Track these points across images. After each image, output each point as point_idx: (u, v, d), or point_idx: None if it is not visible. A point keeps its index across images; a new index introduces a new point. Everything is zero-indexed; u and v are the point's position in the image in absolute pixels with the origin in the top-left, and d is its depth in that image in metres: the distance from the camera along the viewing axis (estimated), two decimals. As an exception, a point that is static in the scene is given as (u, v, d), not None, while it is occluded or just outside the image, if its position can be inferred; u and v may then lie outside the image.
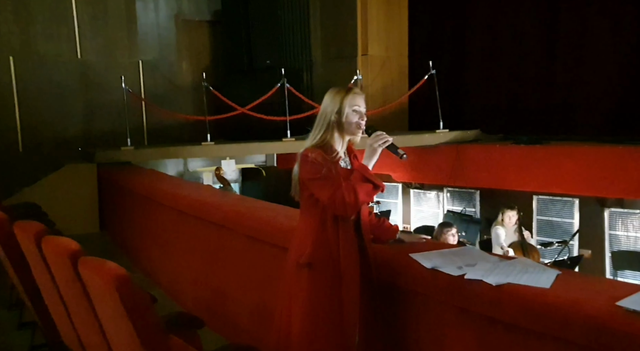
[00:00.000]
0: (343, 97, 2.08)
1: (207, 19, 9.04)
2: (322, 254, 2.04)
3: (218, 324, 3.48)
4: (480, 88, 8.47)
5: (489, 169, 6.96)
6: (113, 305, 1.66)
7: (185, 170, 8.83)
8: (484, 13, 8.41)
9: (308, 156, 2.03)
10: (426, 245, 2.31)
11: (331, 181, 1.99)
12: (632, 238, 6.07)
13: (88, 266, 1.79)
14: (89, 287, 1.85)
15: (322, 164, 1.99)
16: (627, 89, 6.87)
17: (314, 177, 2.01)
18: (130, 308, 1.63)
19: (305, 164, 2.03)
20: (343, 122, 2.07)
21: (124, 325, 1.67)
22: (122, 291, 1.62)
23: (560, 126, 7.35)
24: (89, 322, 1.96)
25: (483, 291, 1.81)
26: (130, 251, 5.46)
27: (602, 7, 7.08)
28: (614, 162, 5.79)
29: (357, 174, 2.01)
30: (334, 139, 2.09)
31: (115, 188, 5.79)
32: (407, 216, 8.76)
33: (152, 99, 8.05)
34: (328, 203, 1.98)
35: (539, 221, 6.83)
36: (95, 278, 1.74)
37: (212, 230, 3.57)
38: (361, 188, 1.98)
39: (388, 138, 2.04)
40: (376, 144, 2.03)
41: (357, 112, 2.09)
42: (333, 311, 2.03)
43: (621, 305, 1.53)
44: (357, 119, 2.08)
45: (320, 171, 1.99)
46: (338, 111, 2.07)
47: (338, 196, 1.96)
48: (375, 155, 2.04)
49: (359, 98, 2.10)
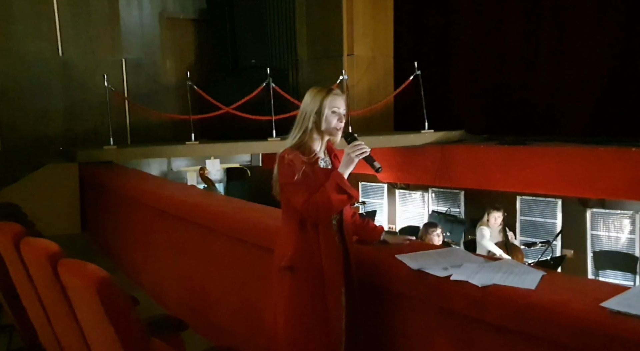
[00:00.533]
0: (323, 98, 2.06)
1: (192, 17, 8.96)
2: (303, 257, 2.02)
3: (202, 326, 3.44)
4: (465, 89, 8.53)
5: (474, 170, 7.01)
6: (94, 308, 1.63)
7: (169, 170, 8.74)
8: (468, 14, 8.47)
9: (285, 157, 2.02)
10: (411, 246, 2.31)
11: (305, 186, 1.98)
12: (613, 238, 6.16)
13: (68, 268, 1.75)
14: (69, 290, 1.81)
15: (298, 168, 1.98)
16: (608, 91, 6.98)
17: (288, 181, 2.00)
18: (112, 311, 1.60)
19: (282, 167, 2.02)
20: (322, 124, 2.06)
21: (105, 329, 1.63)
22: (103, 294, 1.59)
23: (543, 127, 7.44)
24: (69, 326, 1.92)
25: (469, 292, 1.82)
26: (113, 252, 5.38)
27: (584, 10, 7.17)
28: (595, 163, 5.87)
29: (332, 182, 1.99)
30: (313, 139, 2.08)
31: (98, 188, 5.70)
32: (392, 216, 8.78)
33: (136, 97, 7.95)
34: (300, 209, 1.98)
35: (522, 221, 6.89)
36: (75, 280, 1.70)
37: (196, 231, 3.53)
38: (335, 196, 1.97)
39: (366, 149, 2.02)
40: (353, 155, 2.01)
41: (336, 114, 2.07)
42: (317, 316, 2.01)
43: (605, 306, 1.54)
44: (336, 121, 2.07)
45: (295, 175, 1.97)
46: (317, 111, 2.05)
47: (310, 203, 1.95)
48: (352, 165, 2.03)
49: (338, 99, 2.09)
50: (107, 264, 5.03)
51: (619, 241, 6.11)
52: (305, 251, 2.03)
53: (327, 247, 2.04)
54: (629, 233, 6.05)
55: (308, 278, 2.02)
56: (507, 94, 7.99)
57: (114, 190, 5.16)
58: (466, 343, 1.88)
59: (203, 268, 3.55)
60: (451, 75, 8.73)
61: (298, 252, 2.03)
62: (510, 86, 7.96)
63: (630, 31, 6.77)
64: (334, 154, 2.18)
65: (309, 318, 2.02)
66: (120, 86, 7.94)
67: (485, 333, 1.81)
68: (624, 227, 6.08)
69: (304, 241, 2.03)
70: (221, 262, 3.34)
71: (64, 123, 7.76)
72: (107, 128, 6.76)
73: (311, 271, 2.02)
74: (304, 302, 2.02)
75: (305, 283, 2.02)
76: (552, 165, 6.20)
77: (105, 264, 4.94)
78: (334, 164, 2.15)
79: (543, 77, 7.61)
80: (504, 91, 8.03)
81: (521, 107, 7.82)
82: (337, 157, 2.18)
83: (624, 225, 6.08)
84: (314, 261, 2.03)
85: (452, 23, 8.71)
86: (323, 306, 2.01)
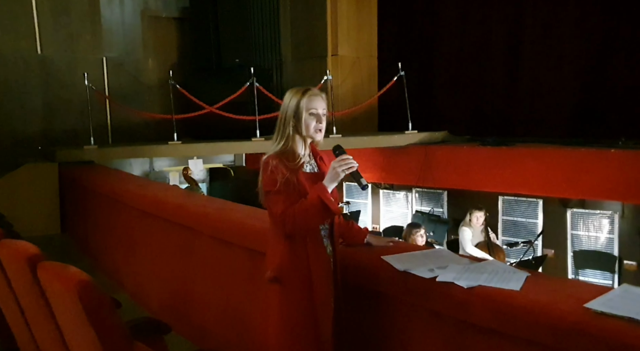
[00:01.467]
0: (299, 101, 1.99)
1: (175, 15, 8.87)
2: (291, 268, 1.96)
3: (185, 329, 3.39)
4: (448, 90, 8.60)
5: (456, 170, 7.07)
6: (74, 311, 1.59)
7: (151, 170, 8.64)
8: (452, 16, 8.54)
9: (268, 163, 1.95)
10: (396, 248, 2.30)
11: (285, 196, 1.91)
12: (593, 238, 6.26)
13: (48, 271, 1.71)
14: (48, 293, 1.77)
15: (280, 175, 1.91)
16: (587, 93, 7.10)
17: (269, 189, 1.93)
18: (93, 314, 1.56)
19: (264, 173, 1.96)
20: (301, 127, 2.00)
21: (87, 333, 1.59)
22: (84, 297, 1.55)
23: (525, 128, 7.53)
24: (49, 330, 1.87)
25: (454, 294, 1.82)
26: (93, 254, 5.29)
27: (565, 13, 7.28)
28: (575, 164, 5.96)
29: (314, 195, 1.90)
30: (296, 143, 2.02)
31: (78, 188, 5.61)
32: (376, 217, 8.81)
33: (117, 96, 7.84)
34: (278, 219, 1.92)
35: (504, 221, 6.97)
36: (56, 283, 1.66)
37: (178, 232, 3.49)
38: (315, 210, 1.89)
39: (353, 163, 1.93)
40: (340, 169, 1.91)
41: (314, 116, 2.00)
42: (307, 328, 1.97)
43: (589, 307, 1.56)
44: (315, 123, 2.01)
45: (276, 183, 1.91)
46: (295, 115, 1.99)
47: (288, 214, 1.89)
48: (337, 179, 1.93)
49: (315, 100, 2.01)
50: (87, 266, 4.96)
51: (598, 240, 6.21)
52: (293, 262, 1.96)
53: (315, 257, 1.98)
54: (608, 233, 6.16)
55: (296, 289, 1.96)
56: (489, 95, 8.08)
57: (95, 190, 5.08)
58: (453, 344, 1.89)
59: (186, 270, 3.51)
60: (435, 76, 8.80)
61: (285, 262, 1.97)
62: (493, 87, 8.05)
63: (609, 34, 6.90)
64: (320, 156, 2.12)
65: (299, 330, 1.97)
66: (101, 84, 7.83)
67: (471, 334, 1.81)
68: (603, 227, 6.18)
69: (291, 251, 1.96)
70: (204, 264, 3.30)
71: (43, 122, 7.62)
72: (87, 127, 6.65)
73: (299, 282, 1.96)
74: (294, 314, 1.96)
75: (293, 294, 1.96)
76: (533, 166, 6.27)
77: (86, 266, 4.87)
78: (320, 167, 2.09)
79: (525, 80, 7.71)
80: (486, 93, 8.11)
81: (503, 109, 7.91)
82: (322, 159, 2.12)
83: (603, 225, 6.18)
84: (303, 272, 1.96)
85: (435, 25, 8.77)
86: (313, 318, 1.96)
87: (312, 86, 2.11)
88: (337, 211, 1.96)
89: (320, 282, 1.98)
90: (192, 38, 8.81)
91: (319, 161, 2.11)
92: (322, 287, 1.98)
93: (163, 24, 8.79)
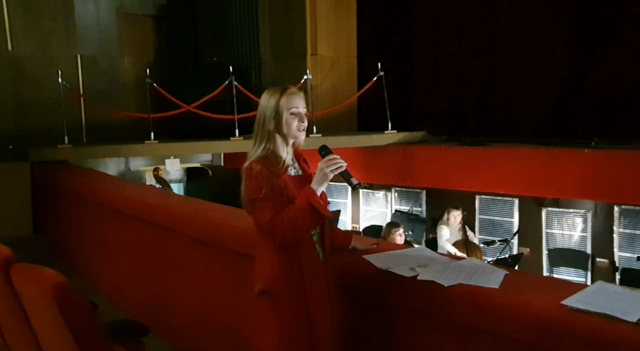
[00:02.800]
0: (278, 101, 1.90)
1: (151, 13, 8.75)
2: (283, 280, 1.86)
3: (164, 331, 3.35)
4: (427, 90, 8.68)
5: (435, 170, 7.14)
6: (50, 314, 1.55)
7: (126, 169, 8.50)
8: (430, 17, 8.62)
9: (252, 169, 1.84)
10: (380, 249, 2.30)
11: (272, 202, 1.81)
12: (567, 236, 6.39)
13: (22, 273, 1.67)
14: (22, 296, 1.72)
15: (265, 181, 1.82)
16: (562, 94, 7.25)
17: (255, 197, 1.83)
18: (71, 318, 1.53)
19: (249, 180, 1.85)
20: (283, 128, 1.91)
21: (63, 335, 1.56)
22: (60, 300, 1.52)
23: (501, 129, 7.65)
24: (23, 334, 1.83)
25: (435, 292, 1.83)
26: (68, 255, 5.18)
27: (539, 16, 7.43)
28: (550, 164, 6.07)
29: (303, 199, 1.81)
30: (278, 145, 1.92)
31: (51, 188, 5.48)
32: (356, 216, 8.84)
33: (92, 95, 7.68)
34: (266, 228, 1.81)
35: (481, 220, 7.07)
36: (30, 286, 1.62)
37: (155, 232, 3.44)
38: (305, 216, 1.79)
39: (342, 163, 1.84)
40: (328, 170, 1.82)
41: (296, 115, 1.91)
42: (304, 339, 1.87)
43: (565, 304, 1.59)
44: (297, 122, 1.92)
45: (261, 190, 1.81)
46: (275, 116, 1.90)
47: (277, 222, 1.79)
48: (326, 180, 1.83)
49: (295, 98, 1.92)
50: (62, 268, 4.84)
51: (572, 239, 6.35)
52: (284, 272, 1.86)
53: (309, 265, 1.89)
54: (581, 231, 6.30)
55: (290, 301, 1.86)
56: (467, 96, 8.19)
57: (69, 190, 4.98)
58: (433, 342, 1.90)
59: (164, 271, 3.46)
60: (413, 77, 8.87)
61: (276, 274, 1.86)
62: (470, 88, 8.16)
63: (583, 36, 7.06)
64: (303, 158, 2.05)
65: (297, 344, 1.88)
66: (75, 82, 7.66)
67: (451, 332, 1.83)
68: (577, 225, 6.32)
69: (282, 261, 1.86)
70: (182, 264, 3.26)
71: (14, 121, 7.42)
72: (61, 126, 6.50)
73: (293, 293, 1.86)
74: (288, 330, 1.86)
75: (287, 306, 1.86)
76: (509, 165, 6.38)
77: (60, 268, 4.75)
78: (304, 169, 2.02)
79: (501, 81, 7.83)
80: (464, 93, 8.22)
81: (480, 109, 8.03)
82: (306, 161, 2.06)
83: (577, 223, 6.32)
84: (296, 282, 1.87)
85: (414, 25, 8.84)
86: (310, 330, 1.88)
87: (291, 85, 2.02)
88: (328, 215, 1.85)
89: (314, 291, 1.89)
90: (170, 36, 8.69)
91: (302, 163, 2.03)
92: (317, 296, 1.90)
93: (139, 22, 8.65)
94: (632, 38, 6.56)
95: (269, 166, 1.86)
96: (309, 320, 1.88)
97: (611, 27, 6.74)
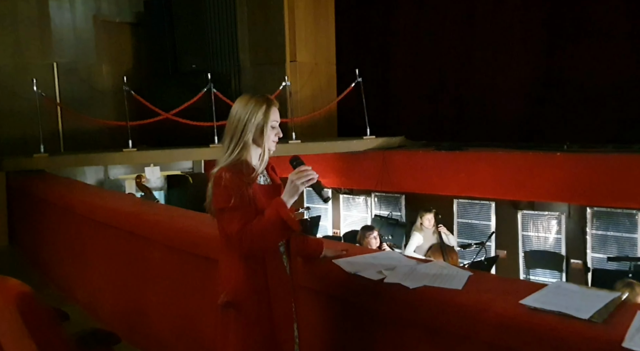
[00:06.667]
0: (265, 112, 1.89)
1: (129, 20, 8.70)
2: (247, 291, 1.84)
3: (139, 339, 3.33)
4: (405, 96, 8.78)
5: (413, 175, 7.21)
6: (14, 325, 1.55)
7: (105, 178, 8.42)
8: (407, 23, 8.75)
9: (222, 177, 1.81)
10: (349, 254, 2.32)
11: (241, 212, 1.78)
12: (542, 238, 6.50)
13: (-15, 284, 1.65)
14: (-13, 307, 1.71)
15: (235, 190, 1.79)
16: (536, 99, 7.42)
17: (223, 206, 1.80)
18: (34, 327, 1.53)
19: (217, 188, 1.82)
20: (262, 139, 1.90)
21: (27, 346, 1.55)
22: (24, 310, 1.52)
23: (478, 133, 7.76)
24: (-12, 345, 1.81)
25: (401, 295, 1.87)
26: (44, 265, 5.11)
27: (513, 23, 7.59)
28: (525, 167, 6.18)
29: (273, 211, 1.78)
30: (252, 154, 1.92)
31: (27, 198, 5.42)
32: (337, 221, 8.86)
33: (69, 103, 7.60)
34: (234, 239, 1.79)
35: (459, 223, 7.15)
36: (-7, 297, 1.61)
37: (131, 240, 3.42)
38: (273, 228, 1.77)
39: (313, 175, 1.81)
40: (299, 182, 1.79)
41: (275, 129, 1.94)
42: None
43: (524, 303, 1.64)
44: (274, 136, 1.94)
45: (230, 199, 1.78)
46: (258, 127, 1.88)
47: (246, 233, 1.76)
48: (296, 193, 1.80)
49: (276, 112, 1.94)
50: (37, 279, 4.79)
51: (547, 241, 6.46)
52: (250, 284, 1.84)
53: (275, 277, 1.87)
54: (556, 233, 6.41)
55: (255, 313, 1.84)
56: (444, 102, 8.31)
57: (45, 200, 4.92)
58: (400, 344, 1.94)
59: (139, 279, 3.45)
60: (392, 83, 8.97)
61: (240, 285, 1.84)
62: (447, 94, 8.29)
63: (554, 43, 7.23)
64: (271, 166, 2.04)
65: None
66: (51, 90, 7.57)
67: (417, 333, 1.87)
68: (552, 228, 6.43)
69: (248, 272, 1.84)
70: (157, 272, 3.26)
71: (-12, 130, 7.31)
72: (37, 135, 6.43)
73: (258, 305, 1.84)
74: (253, 340, 1.84)
75: (251, 319, 1.84)
76: (485, 169, 6.48)
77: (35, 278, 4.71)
78: (272, 178, 2.01)
79: (477, 87, 7.97)
80: (441, 99, 8.34)
81: (457, 115, 8.15)
82: (274, 169, 2.05)
83: (552, 226, 6.43)
84: (261, 294, 1.85)
85: (391, 32, 8.96)
86: (274, 342, 1.86)
87: (270, 92, 2.05)
88: (297, 229, 1.81)
89: (279, 304, 1.88)
90: (148, 43, 8.65)
91: (270, 172, 2.02)
92: (282, 309, 1.89)
93: (117, 29, 8.60)
94: (601, 47, 6.75)
95: (239, 174, 1.84)
96: (273, 331, 1.87)
97: (581, 37, 6.93)
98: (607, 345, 1.40)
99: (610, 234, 5.93)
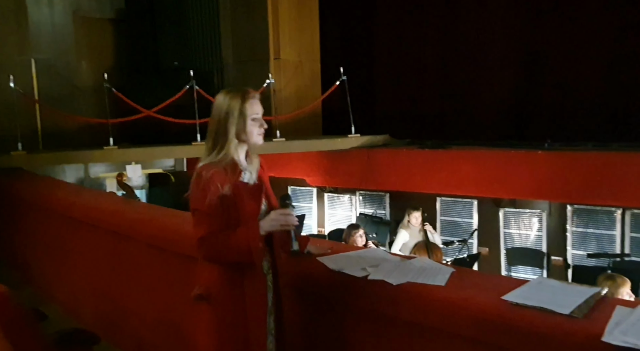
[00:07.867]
0: (241, 106, 1.86)
1: (109, 17, 8.57)
2: (222, 285, 1.84)
3: (120, 339, 3.29)
4: (389, 95, 8.82)
5: (397, 173, 7.24)
6: (-11, 325, 1.51)
7: (86, 176, 8.29)
8: (391, 22, 8.77)
9: (201, 176, 1.81)
10: (334, 251, 2.32)
11: (211, 219, 1.79)
12: (524, 236, 6.58)
13: (-41, 284, 1.61)
14: (-40, 307, 1.66)
15: (214, 191, 1.78)
16: (517, 98, 7.51)
17: (197, 207, 1.81)
18: (9, 328, 1.49)
19: (196, 187, 1.82)
20: (244, 134, 1.88)
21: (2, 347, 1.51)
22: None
23: (461, 132, 7.83)
24: (-38, 347, 1.76)
25: (384, 291, 1.87)
26: (23, 265, 5.02)
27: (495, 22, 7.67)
28: (506, 166, 6.25)
29: (243, 237, 1.78)
30: (237, 152, 1.89)
31: (5, 197, 5.30)
32: (321, 220, 8.86)
33: (48, 100, 7.45)
34: (197, 243, 1.81)
35: (442, 221, 7.20)
36: (-33, 297, 1.57)
37: (111, 239, 3.37)
38: (236, 253, 1.78)
39: (293, 222, 1.88)
40: (277, 223, 1.86)
41: (257, 121, 1.90)
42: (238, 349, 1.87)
43: (506, 299, 1.65)
44: (258, 129, 1.90)
45: (204, 202, 1.78)
46: (237, 122, 1.85)
47: (209, 242, 1.79)
48: (272, 229, 1.87)
49: (256, 104, 1.91)
50: (14, 279, 4.70)
51: (529, 238, 6.54)
52: (225, 279, 1.84)
53: (251, 274, 1.86)
54: (537, 231, 6.50)
55: (228, 309, 1.84)
56: (427, 100, 8.36)
57: (23, 198, 4.84)
58: (384, 339, 1.94)
59: (120, 279, 3.40)
60: (376, 81, 8.99)
61: (215, 279, 1.84)
62: (431, 93, 8.34)
63: (536, 42, 7.32)
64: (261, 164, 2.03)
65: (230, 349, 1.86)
66: (29, 87, 7.41)
67: (400, 329, 1.87)
68: (533, 225, 6.52)
69: (223, 267, 1.85)
70: (139, 271, 3.21)
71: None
72: (15, 133, 6.29)
73: (232, 300, 1.84)
74: (224, 335, 1.84)
75: (224, 314, 1.84)
76: (468, 167, 6.53)
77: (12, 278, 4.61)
78: (260, 176, 1.98)
79: (460, 86, 8.03)
80: (424, 97, 8.39)
81: (440, 113, 8.20)
82: (262, 167, 2.01)
83: (533, 223, 6.52)
84: (236, 290, 1.84)
85: (375, 30, 8.98)
86: (245, 339, 1.85)
87: (250, 89, 1.96)
88: (258, 263, 1.85)
89: (254, 300, 1.88)
90: (129, 40, 8.53)
91: (259, 170, 2.00)
92: (256, 305, 1.88)
93: (97, 26, 8.46)
94: (583, 47, 6.85)
95: (221, 174, 1.82)
96: (246, 322, 1.87)
97: (562, 37, 7.02)
98: (587, 340, 1.42)
99: (590, 231, 6.03)
